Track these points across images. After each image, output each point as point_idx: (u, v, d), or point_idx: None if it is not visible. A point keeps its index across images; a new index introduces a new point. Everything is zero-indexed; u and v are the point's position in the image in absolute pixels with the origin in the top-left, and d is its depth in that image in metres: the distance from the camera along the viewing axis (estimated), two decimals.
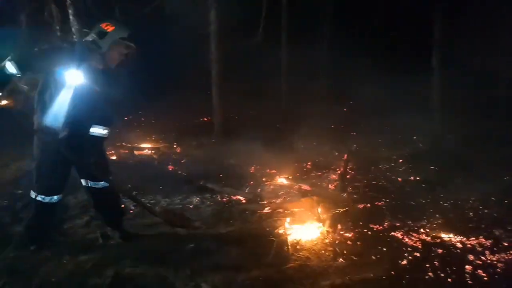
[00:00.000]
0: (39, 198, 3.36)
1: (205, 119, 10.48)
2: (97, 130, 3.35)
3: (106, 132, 3.39)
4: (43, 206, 3.37)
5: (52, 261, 3.25)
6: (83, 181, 3.59)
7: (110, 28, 3.33)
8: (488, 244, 3.91)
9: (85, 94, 3.16)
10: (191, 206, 4.84)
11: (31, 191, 3.43)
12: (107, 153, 4.15)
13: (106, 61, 3.37)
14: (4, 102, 3.35)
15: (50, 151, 3.28)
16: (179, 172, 6.44)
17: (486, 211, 4.83)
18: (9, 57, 3.12)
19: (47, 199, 3.37)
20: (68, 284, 2.97)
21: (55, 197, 3.41)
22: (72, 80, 3.15)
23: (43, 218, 3.41)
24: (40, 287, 2.93)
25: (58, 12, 7.82)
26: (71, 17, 7.59)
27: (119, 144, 7.50)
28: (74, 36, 7.69)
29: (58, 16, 7.81)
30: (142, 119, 9.75)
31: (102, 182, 3.59)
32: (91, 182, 3.54)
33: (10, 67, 3.13)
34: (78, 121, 3.17)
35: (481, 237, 4.05)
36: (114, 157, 6.88)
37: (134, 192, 5.19)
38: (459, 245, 3.92)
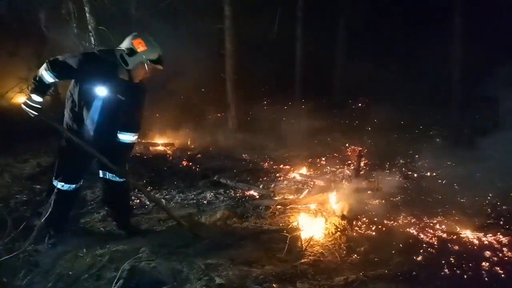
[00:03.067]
0: (58, 185, 3.45)
1: (219, 114, 10.51)
2: (126, 137, 3.54)
3: (135, 138, 3.61)
4: (61, 194, 3.45)
5: (69, 255, 3.32)
6: (100, 172, 3.66)
7: (141, 48, 3.27)
8: (506, 240, 3.85)
9: (111, 105, 3.34)
10: (205, 202, 4.88)
11: (53, 179, 3.53)
12: None
13: (131, 76, 3.40)
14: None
15: (72, 144, 3.36)
16: (194, 167, 6.49)
17: (504, 207, 4.75)
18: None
19: (66, 186, 3.46)
20: (85, 277, 3.03)
21: (73, 185, 3.49)
22: (101, 92, 3.30)
23: (61, 207, 3.48)
24: (58, 280, 2.99)
25: (75, 9, 7.91)
26: (87, 15, 7.69)
27: None
28: (91, 34, 7.80)
29: (75, 13, 7.90)
30: (157, 115, 9.83)
31: None
32: (109, 174, 3.60)
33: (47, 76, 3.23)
34: (105, 128, 3.41)
35: (498, 233, 3.99)
36: None
37: (149, 187, 5.26)
38: (476, 241, 3.87)
